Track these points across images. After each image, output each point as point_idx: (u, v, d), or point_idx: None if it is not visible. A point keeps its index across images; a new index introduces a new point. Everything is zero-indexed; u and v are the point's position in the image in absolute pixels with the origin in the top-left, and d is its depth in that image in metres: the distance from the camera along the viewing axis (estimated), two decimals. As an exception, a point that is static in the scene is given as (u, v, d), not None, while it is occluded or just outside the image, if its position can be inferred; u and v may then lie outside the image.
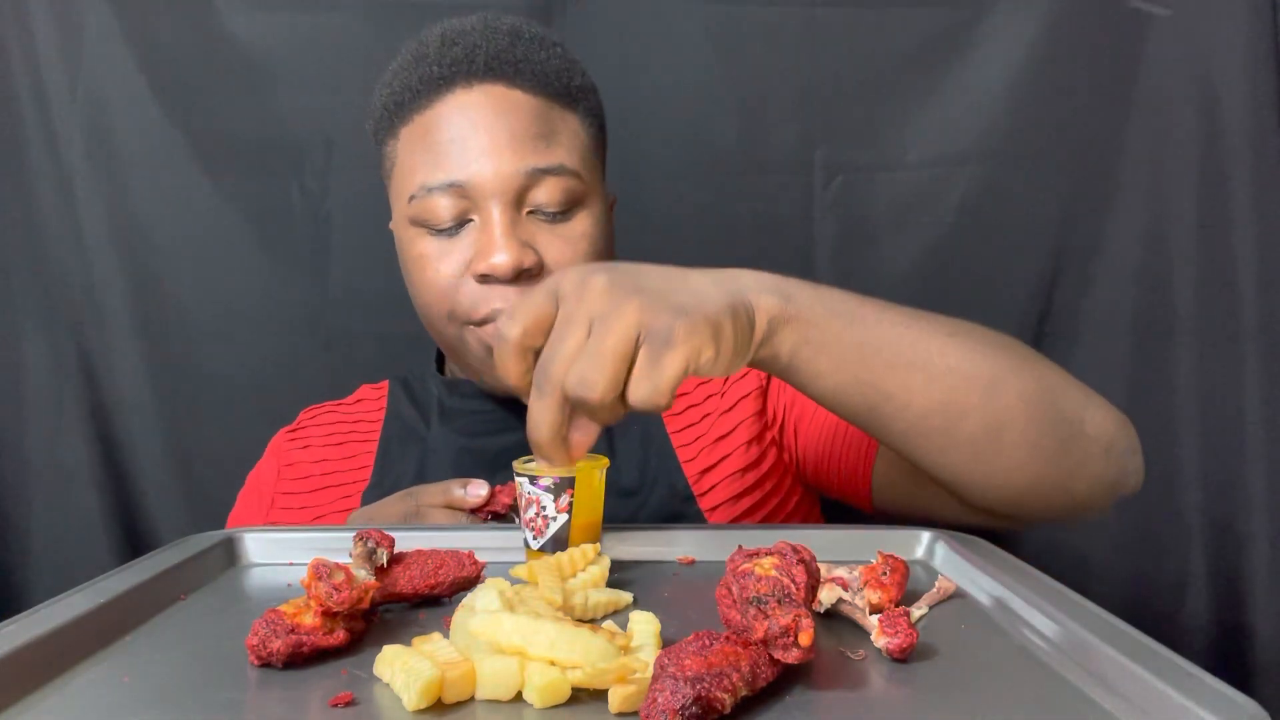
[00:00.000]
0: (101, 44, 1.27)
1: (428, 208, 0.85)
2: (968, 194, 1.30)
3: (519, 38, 0.87)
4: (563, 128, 0.87)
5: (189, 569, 0.66)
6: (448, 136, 0.84)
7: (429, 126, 0.85)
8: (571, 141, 0.87)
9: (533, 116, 0.85)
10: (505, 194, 0.83)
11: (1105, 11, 1.27)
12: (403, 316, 1.31)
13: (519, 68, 0.85)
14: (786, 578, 0.47)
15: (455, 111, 0.84)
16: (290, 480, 0.97)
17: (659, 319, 0.55)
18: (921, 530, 0.74)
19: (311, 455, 0.98)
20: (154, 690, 0.48)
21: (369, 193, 1.31)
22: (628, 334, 0.54)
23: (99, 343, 1.29)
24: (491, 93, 0.84)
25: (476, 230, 0.85)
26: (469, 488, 0.76)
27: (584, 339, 0.55)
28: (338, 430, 1.01)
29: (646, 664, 0.45)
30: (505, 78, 0.85)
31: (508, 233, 0.83)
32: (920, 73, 1.30)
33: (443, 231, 0.86)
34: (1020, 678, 0.49)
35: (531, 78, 0.86)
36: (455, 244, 0.86)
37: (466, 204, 0.84)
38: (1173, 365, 1.26)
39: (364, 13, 1.29)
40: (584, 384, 0.54)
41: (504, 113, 0.84)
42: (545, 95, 0.86)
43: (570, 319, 0.56)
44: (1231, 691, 0.41)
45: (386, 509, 0.79)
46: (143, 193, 1.29)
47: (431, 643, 0.49)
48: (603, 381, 0.54)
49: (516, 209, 0.84)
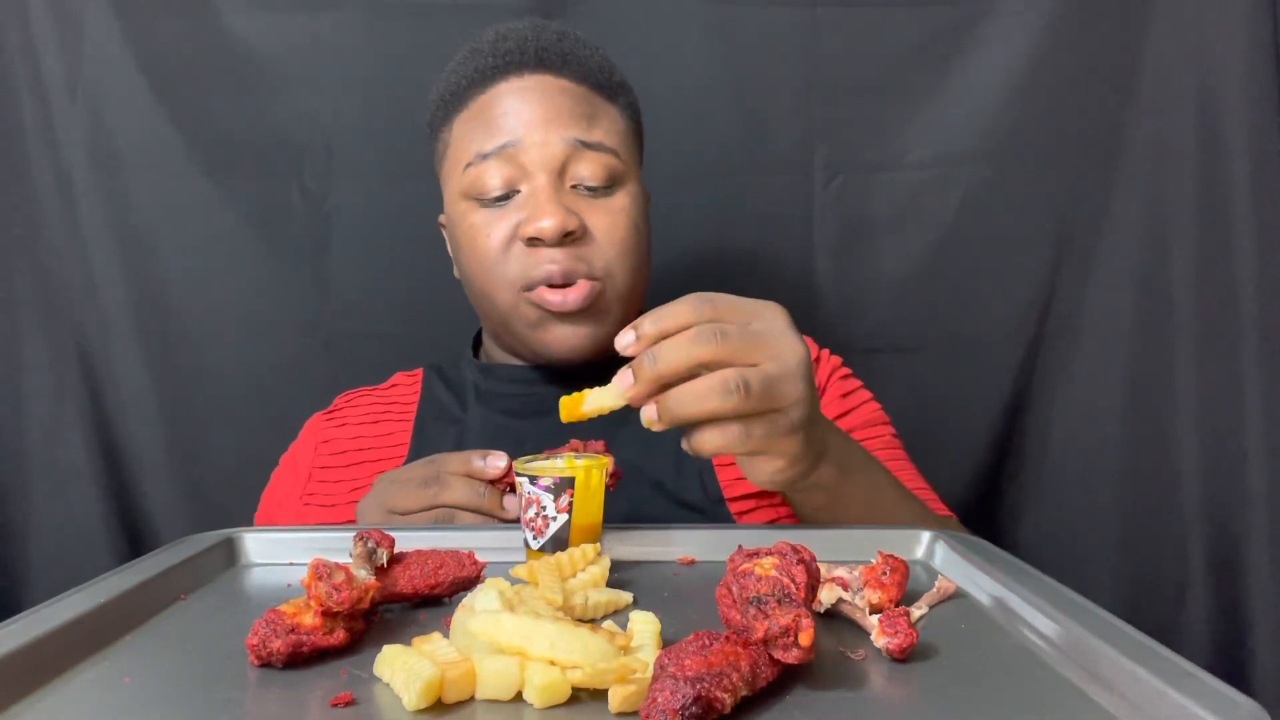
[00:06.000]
0: (101, 44, 1.27)
1: (480, 174, 0.92)
2: (968, 194, 1.30)
3: (565, 37, 0.97)
4: (603, 113, 0.95)
5: (189, 569, 0.66)
6: (500, 112, 0.93)
7: (483, 107, 0.94)
8: (611, 126, 0.95)
9: (578, 99, 0.94)
10: (551, 162, 0.91)
11: (1105, 12, 1.27)
12: (403, 317, 1.32)
13: (565, 59, 0.94)
14: (786, 578, 0.47)
15: (507, 93, 0.93)
16: (327, 455, 1.00)
17: (791, 429, 0.64)
18: (921, 530, 0.74)
19: (348, 433, 1.02)
20: (154, 690, 0.48)
21: (369, 194, 1.31)
22: (749, 399, 0.61)
23: (99, 343, 1.29)
24: (540, 80, 0.93)
25: (524, 199, 0.92)
26: (488, 459, 0.77)
27: (707, 356, 0.61)
28: (373, 411, 1.04)
29: (646, 664, 0.45)
30: (553, 68, 0.94)
31: (553, 198, 0.90)
32: (920, 73, 1.30)
33: (493, 202, 0.92)
34: (1020, 678, 0.49)
35: (576, 69, 0.95)
36: (504, 213, 0.92)
37: (515, 172, 0.91)
38: (1173, 365, 1.26)
39: (364, 13, 1.29)
40: (680, 404, 0.61)
41: (553, 94, 0.93)
42: (588, 85, 0.95)
43: (707, 337, 0.61)
44: (1231, 691, 0.41)
45: (410, 472, 0.81)
46: (143, 193, 1.29)
47: (431, 643, 0.48)
48: (690, 411, 0.61)
49: (560, 179, 0.92)
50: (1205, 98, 1.24)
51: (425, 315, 1.32)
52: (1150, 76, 1.27)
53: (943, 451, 1.28)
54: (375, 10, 1.29)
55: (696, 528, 0.75)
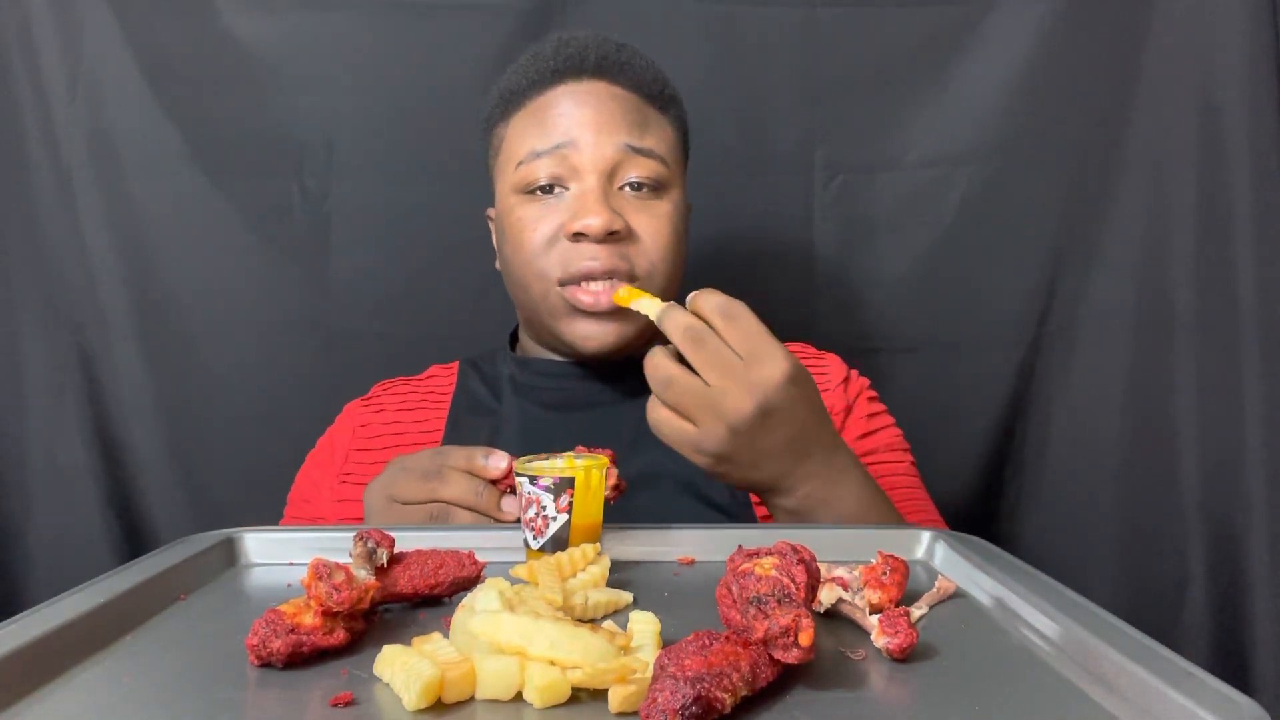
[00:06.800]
0: (101, 44, 1.27)
1: (532, 170, 0.95)
2: (968, 194, 1.31)
3: (623, 48, 1.00)
4: (655, 122, 0.99)
5: (189, 569, 0.66)
6: (557, 113, 0.96)
7: (541, 107, 0.97)
8: (662, 135, 0.99)
9: (632, 106, 0.97)
10: (602, 163, 0.94)
11: (1105, 12, 1.27)
12: (403, 316, 1.32)
13: (623, 69, 0.98)
14: (786, 578, 0.47)
15: (566, 96, 0.97)
16: (364, 439, 1.02)
17: (695, 449, 0.75)
18: (921, 530, 0.74)
19: (385, 419, 1.04)
20: (154, 690, 0.47)
21: (369, 193, 1.31)
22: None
23: (99, 343, 1.29)
24: (597, 86, 0.97)
25: (572, 196, 0.95)
26: (490, 458, 0.78)
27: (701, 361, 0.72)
28: (409, 400, 1.06)
29: (646, 664, 0.45)
30: (610, 76, 0.98)
31: (601, 198, 0.93)
32: (920, 73, 1.30)
33: (542, 196, 0.95)
34: (1020, 678, 0.49)
35: (632, 78, 0.99)
36: (552, 208, 0.95)
37: (566, 171, 0.95)
38: (1173, 365, 1.26)
39: (364, 13, 1.29)
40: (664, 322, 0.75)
41: (609, 99, 0.97)
42: (642, 95, 0.99)
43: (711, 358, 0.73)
44: (1231, 691, 0.41)
45: (417, 461, 0.81)
46: (143, 193, 1.29)
47: (431, 643, 0.48)
48: (666, 328, 0.74)
49: (609, 181, 0.95)
50: (1205, 98, 1.24)
51: (425, 315, 1.32)
52: (1150, 76, 1.26)
53: (943, 451, 1.28)
54: (375, 10, 1.29)
55: (697, 527, 0.75)
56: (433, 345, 1.25)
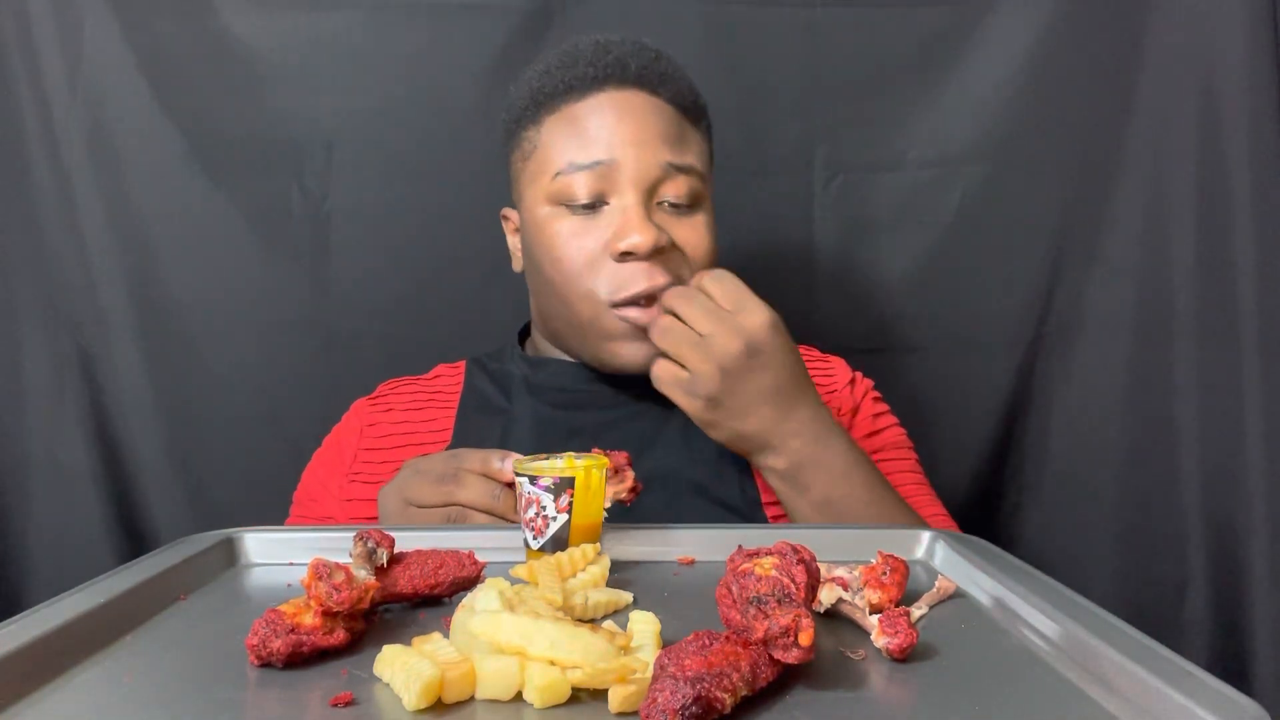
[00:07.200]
0: (101, 44, 1.26)
1: (571, 184, 0.93)
2: (968, 194, 1.30)
3: (660, 57, 0.99)
4: (691, 136, 0.98)
5: (189, 569, 0.66)
6: (598, 123, 0.94)
7: (580, 114, 0.95)
8: (698, 148, 0.98)
9: (671, 121, 0.96)
10: (643, 181, 0.93)
11: (1105, 12, 1.27)
12: (403, 316, 1.32)
13: (662, 79, 0.97)
14: (786, 578, 0.47)
15: (607, 105, 0.94)
16: (373, 438, 1.01)
17: (687, 390, 0.84)
18: (921, 530, 0.74)
19: (393, 418, 1.03)
20: (154, 690, 0.47)
21: (369, 193, 1.31)
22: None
23: (99, 342, 1.29)
24: (639, 96, 0.95)
25: (614, 213, 0.93)
26: (507, 462, 0.77)
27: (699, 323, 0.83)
28: (417, 399, 1.05)
29: (646, 664, 0.45)
30: (650, 87, 0.96)
31: (644, 215, 0.92)
32: (920, 73, 1.30)
33: (581, 209, 0.94)
34: (1020, 678, 0.49)
35: (671, 90, 0.97)
36: (593, 224, 0.93)
37: (607, 185, 0.93)
38: (1173, 365, 1.26)
39: (364, 13, 1.29)
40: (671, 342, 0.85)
41: (649, 113, 0.95)
42: (679, 107, 0.97)
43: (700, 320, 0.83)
44: (1231, 691, 0.41)
45: (432, 464, 0.81)
46: (143, 193, 1.28)
47: (431, 643, 0.49)
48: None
49: (650, 197, 0.94)
50: (1205, 98, 1.24)
51: (425, 315, 1.32)
52: (1150, 76, 1.26)
53: (943, 451, 1.28)
54: (375, 10, 1.29)
55: (697, 527, 0.75)
56: (433, 345, 1.25)
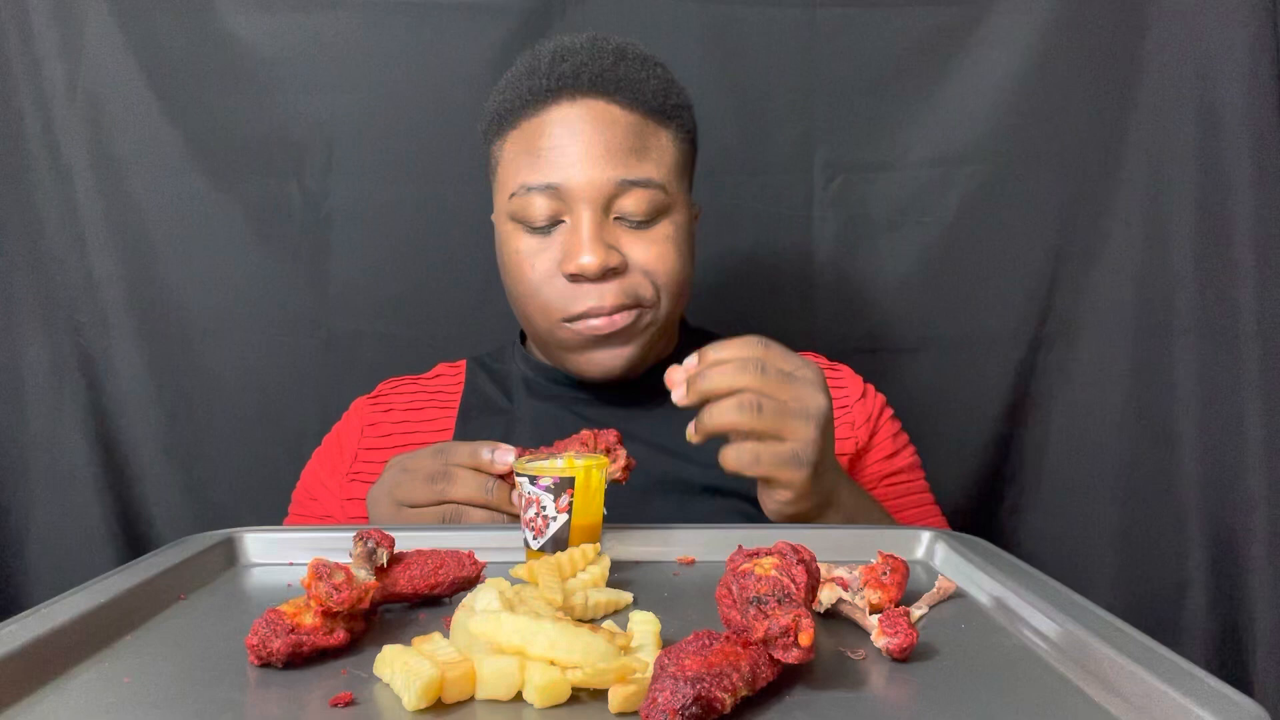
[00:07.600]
0: (101, 44, 1.27)
1: (526, 205, 0.92)
2: (968, 194, 1.31)
3: (623, 57, 0.94)
4: (654, 144, 0.93)
5: (189, 569, 0.66)
6: (549, 144, 0.91)
7: (534, 133, 0.93)
8: (661, 156, 0.94)
9: (627, 131, 0.92)
10: (595, 200, 0.90)
11: (1105, 12, 1.27)
12: (403, 316, 1.32)
13: (619, 85, 0.92)
14: (786, 578, 0.47)
15: (558, 123, 0.92)
16: (373, 438, 1.01)
17: (797, 462, 0.74)
18: (921, 530, 0.74)
19: (393, 418, 1.03)
20: (154, 690, 0.47)
21: (369, 193, 1.31)
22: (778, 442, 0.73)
23: (99, 343, 1.29)
24: (592, 107, 0.92)
25: (567, 232, 0.91)
26: (496, 452, 0.77)
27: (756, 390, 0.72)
28: (417, 399, 1.05)
29: (646, 664, 0.45)
30: (606, 94, 0.92)
31: (594, 236, 0.90)
32: (920, 73, 1.30)
33: (537, 230, 0.92)
34: (1020, 678, 0.49)
35: (630, 95, 0.93)
36: (548, 243, 0.92)
37: (560, 205, 0.91)
38: (1173, 365, 1.26)
39: (364, 13, 1.29)
40: (710, 415, 0.73)
41: (602, 126, 0.91)
42: (641, 112, 0.93)
43: (752, 372, 0.73)
44: (1231, 691, 0.41)
45: (419, 462, 0.80)
46: (143, 193, 1.28)
47: (431, 643, 0.49)
48: (716, 423, 0.73)
49: (604, 214, 0.91)
50: (1205, 98, 1.24)
51: (425, 315, 1.32)
52: (1150, 76, 1.27)
53: (943, 451, 1.28)
54: (375, 10, 1.29)
55: (697, 527, 0.75)
56: (433, 345, 1.25)
